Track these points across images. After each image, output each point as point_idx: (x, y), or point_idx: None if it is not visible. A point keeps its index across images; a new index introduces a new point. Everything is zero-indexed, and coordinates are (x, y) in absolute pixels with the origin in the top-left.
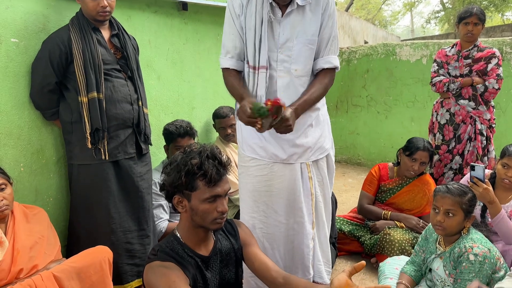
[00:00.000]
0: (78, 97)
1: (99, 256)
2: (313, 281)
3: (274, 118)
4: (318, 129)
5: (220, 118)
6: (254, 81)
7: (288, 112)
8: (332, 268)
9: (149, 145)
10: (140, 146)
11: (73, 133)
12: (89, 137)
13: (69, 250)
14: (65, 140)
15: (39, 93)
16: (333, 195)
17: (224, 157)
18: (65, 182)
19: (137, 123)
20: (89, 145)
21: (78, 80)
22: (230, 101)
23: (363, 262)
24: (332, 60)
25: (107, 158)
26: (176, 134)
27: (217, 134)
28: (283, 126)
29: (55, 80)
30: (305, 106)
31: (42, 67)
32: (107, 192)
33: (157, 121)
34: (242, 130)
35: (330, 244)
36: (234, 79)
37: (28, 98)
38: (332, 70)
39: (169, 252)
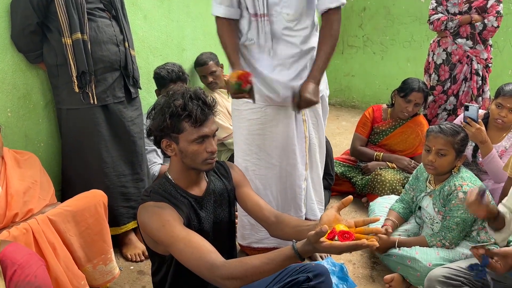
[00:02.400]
0: (62, 38)
1: (93, 200)
2: (306, 219)
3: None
4: None
5: (199, 66)
6: (258, 30)
7: (306, 92)
8: (325, 208)
9: (139, 89)
10: (129, 90)
11: (59, 76)
12: (75, 81)
13: (63, 194)
14: (51, 84)
15: (20, 34)
16: (328, 143)
17: (209, 97)
18: (55, 127)
19: (125, 66)
20: (76, 89)
21: (60, 20)
22: None
23: (350, 196)
24: None
25: (95, 102)
26: (168, 79)
27: None
28: (307, 104)
29: (36, 20)
30: (323, 66)
31: (21, 6)
32: (98, 137)
33: (145, 64)
34: None
35: (324, 188)
36: (227, 35)
37: (10, 40)
38: (338, 10)
39: (162, 193)
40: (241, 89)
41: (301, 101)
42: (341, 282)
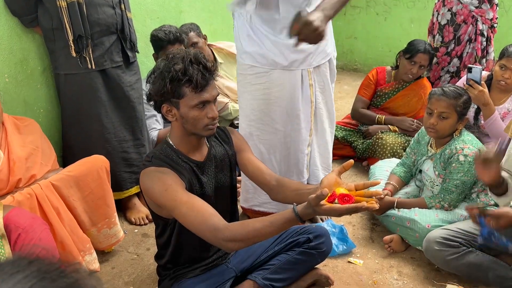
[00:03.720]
0: (56, 1)
1: (95, 165)
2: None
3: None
4: None
5: None
6: None
7: (311, 15)
8: None
9: (136, 53)
10: (126, 54)
11: (55, 41)
12: (72, 45)
13: (65, 160)
14: (48, 49)
15: None
16: None
17: (210, 61)
18: (54, 92)
19: (121, 29)
20: (74, 54)
21: None
22: (220, 4)
23: (351, 160)
24: None
25: (93, 67)
26: (166, 40)
27: None
28: (310, 31)
29: None
30: (334, 4)
31: None
32: (97, 102)
33: (142, 27)
34: (240, 38)
35: None
36: None
37: (4, 4)
38: None
39: (163, 158)
40: None
41: (304, 27)
42: (341, 243)
